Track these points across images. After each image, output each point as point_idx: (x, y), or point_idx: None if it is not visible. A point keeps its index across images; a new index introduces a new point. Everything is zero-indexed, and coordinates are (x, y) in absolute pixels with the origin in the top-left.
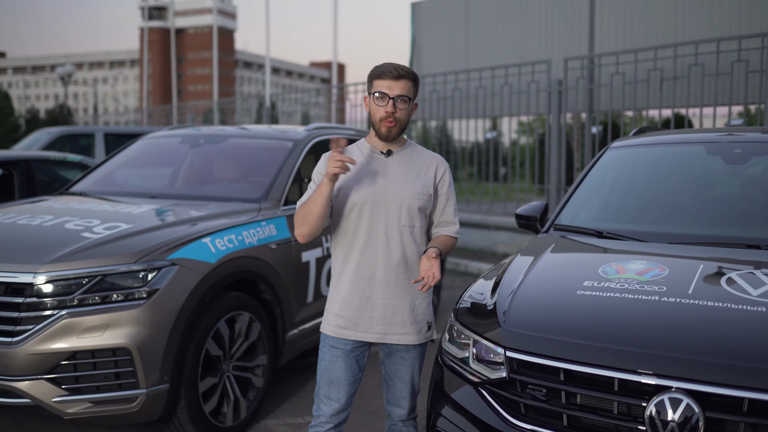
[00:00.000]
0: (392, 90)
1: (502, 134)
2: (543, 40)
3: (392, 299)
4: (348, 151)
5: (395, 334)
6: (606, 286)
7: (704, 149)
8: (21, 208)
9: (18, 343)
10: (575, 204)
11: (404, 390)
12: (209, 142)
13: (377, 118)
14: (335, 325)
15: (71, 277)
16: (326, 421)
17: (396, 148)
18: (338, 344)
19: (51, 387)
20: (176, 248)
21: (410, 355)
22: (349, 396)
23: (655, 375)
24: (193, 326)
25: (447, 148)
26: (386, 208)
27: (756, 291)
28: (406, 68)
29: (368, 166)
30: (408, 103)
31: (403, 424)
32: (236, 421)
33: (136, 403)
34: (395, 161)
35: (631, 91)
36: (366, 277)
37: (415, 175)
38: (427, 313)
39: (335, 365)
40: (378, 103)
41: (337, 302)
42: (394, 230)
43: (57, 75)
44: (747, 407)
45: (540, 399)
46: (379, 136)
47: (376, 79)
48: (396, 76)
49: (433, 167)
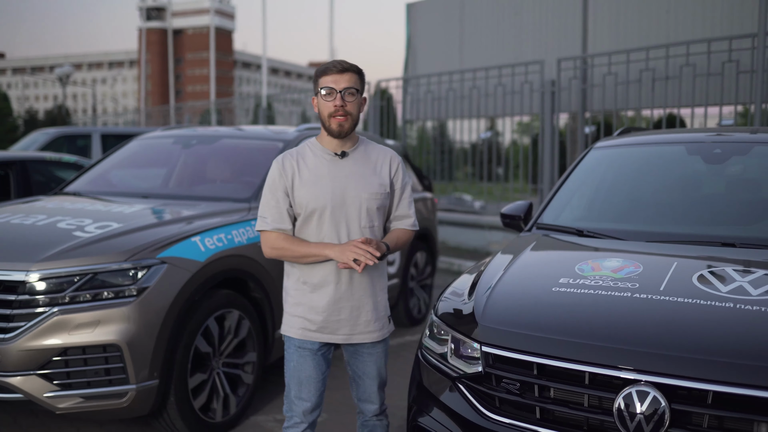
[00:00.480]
0: (338, 84)
1: (499, 134)
2: (537, 40)
3: (357, 300)
4: (299, 153)
5: (361, 334)
6: (581, 283)
7: (685, 149)
8: (15, 207)
9: (10, 339)
10: (558, 203)
11: (373, 385)
12: (201, 142)
13: (327, 115)
14: (301, 327)
15: (63, 275)
16: (301, 420)
17: (349, 147)
18: (305, 345)
19: (43, 382)
20: (166, 247)
21: (376, 350)
22: (319, 393)
23: (624, 369)
24: (182, 323)
25: (444, 148)
26: (346, 211)
27: (725, 288)
28: (349, 62)
29: (324, 171)
30: (356, 96)
31: (376, 419)
32: (226, 417)
33: (126, 398)
34: (350, 162)
35: (624, 92)
36: (333, 281)
37: (370, 174)
38: (387, 308)
39: (304, 365)
40: (326, 99)
41: (303, 306)
42: (355, 233)
43: (55, 76)
44: (711, 399)
45: (514, 393)
46: (332, 134)
47: (321, 77)
48: (340, 70)
49: (387, 163)
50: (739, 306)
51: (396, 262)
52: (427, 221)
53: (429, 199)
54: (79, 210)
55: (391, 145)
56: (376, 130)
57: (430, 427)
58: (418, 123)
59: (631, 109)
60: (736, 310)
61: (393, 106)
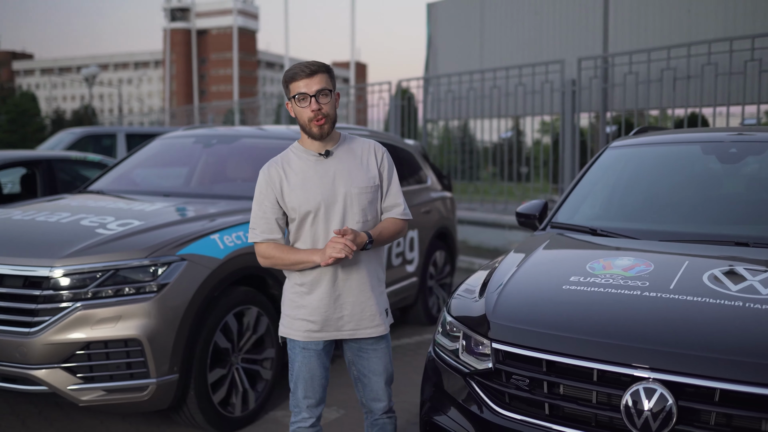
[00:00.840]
0: (310, 87)
1: (524, 134)
2: (557, 40)
3: (358, 296)
4: (285, 158)
5: (366, 329)
6: (591, 281)
7: (700, 149)
8: (40, 205)
9: (35, 333)
10: (573, 202)
11: (380, 382)
12: (221, 142)
13: (305, 120)
14: (305, 330)
15: (85, 271)
16: (309, 416)
17: (332, 146)
18: (310, 346)
19: (67, 375)
20: (185, 244)
21: (380, 346)
22: (324, 388)
23: (631, 366)
24: (201, 319)
25: (469, 148)
26: (338, 209)
27: (735, 287)
28: (317, 62)
29: (311, 172)
30: (330, 96)
31: (386, 416)
32: (245, 412)
33: (147, 392)
34: (335, 160)
35: (645, 91)
36: (330, 279)
37: (357, 168)
38: (386, 300)
39: (310, 365)
40: (300, 105)
41: (305, 308)
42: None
43: (82, 76)
44: (718, 397)
45: (523, 389)
46: (313, 137)
47: (291, 83)
48: (309, 73)
49: (372, 155)
50: (749, 305)
51: (415, 260)
52: (446, 220)
53: (448, 198)
54: (102, 208)
55: (411, 144)
56: (397, 130)
57: (441, 422)
58: (442, 122)
59: (656, 108)
60: (745, 309)
61: (414, 105)
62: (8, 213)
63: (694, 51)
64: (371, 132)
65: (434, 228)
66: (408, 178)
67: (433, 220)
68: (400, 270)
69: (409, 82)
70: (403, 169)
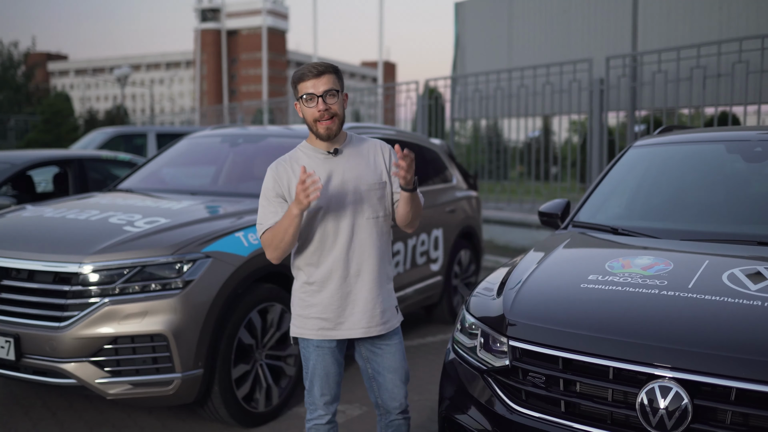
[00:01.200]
0: (317, 88)
1: (554, 133)
2: (585, 38)
3: (370, 292)
4: (293, 157)
5: (378, 326)
6: (609, 279)
7: (724, 147)
8: (71, 203)
9: (65, 327)
10: (595, 201)
11: (396, 379)
12: (248, 141)
13: (312, 120)
14: (318, 328)
15: (113, 268)
16: (325, 413)
17: (340, 144)
18: (323, 344)
19: (95, 369)
20: (210, 242)
21: (393, 341)
22: (338, 386)
23: (647, 364)
24: (226, 315)
25: (498, 147)
26: (348, 206)
27: (755, 286)
28: (324, 63)
29: (320, 169)
30: (337, 96)
31: (402, 416)
32: (268, 407)
33: (172, 386)
34: (344, 158)
35: (674, 90)
36: (341, 276)
37: (365, 166)
38: (395, 297)
39: (324, 362)
40: (308, 105)
41: (317, 306)
42: (360, 225)
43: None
44: (735, 396)
45: (540, 386)
46: (320, 137)
47: (299, 84)
48: (317, 74)
49: (379, 153)
50: (767, 305)
51: (439, 259)
52: (471, 219)
53: (474, 197)
54: (130, 206)
55: (436, 144)
56: (424, 129)
57: (459, 419)
58: (472, 121)
59: (686, 107)
60: (764, 309)
61: (441, 105)
62: (40, 211)
63: (725, 49)
64: (397, 132)
65: (459, 227)
66: (433, 177)
67: (458, 219)
68: (425, 269)
69: (436, 82)
70: (429, 169)
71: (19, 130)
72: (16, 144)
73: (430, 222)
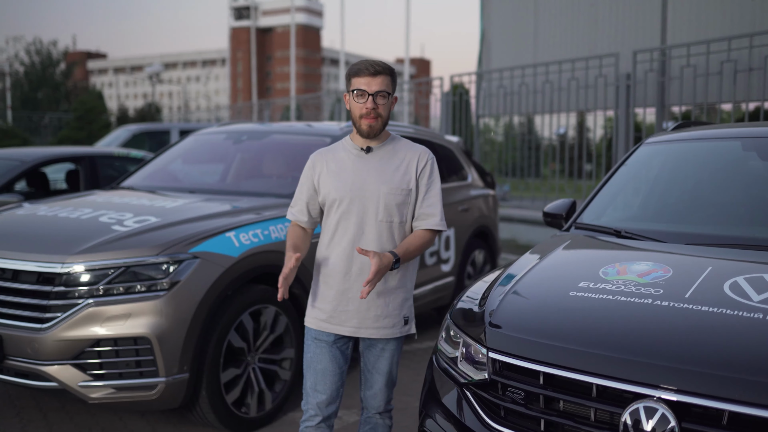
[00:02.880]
0: (370, 86)
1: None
2: (613, 32)
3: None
4: (332, 149)
5: (369, 328)
6: (601, 287)
7: (740, 144)
8: (67, 201)
9: (47, 329)
10: (601, 202)
11: (381, 381)
12: (251, 138)
13: (357, 116)
14: (315, 317)
15: (97, 268)
16: (315, 413)
17: (376, 144)
18: (321, 336)
19: (76, 372)
20: (199, 242)
21: (389, 347)
22: (336, 387)
23: (633, 382)
24: (214, 318)
25: (529, 144)
26: (363, 203)
27: (759, 297)
28: (382, 63)
29: (348, 164)
30: (387, 98)
31: (379, 417)
32: (261, 413)
33: (155, 390)
34: (375, 158)
35: (703, 84)
36: (342, 271)
37: (394, 170)
38: (404, 307)
39: (320, 356)
40: (357, 100)
41: (317, 296)
42: (370, 225)
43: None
44: (727, 420)
45: (519, 402)
46: (361, 134)
47: (353, 77)
48: (373, 73)
49: (415, 160)
50: None
51: (451, 259)
52: (487, 219)
53: (490, 195)
54: (124, 204)
55: (452, 141)
56: (448, 126)
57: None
58: (505, 118)
59: (714, 103)
60: (764, 322)
61: (466, 101)
62: (35, 208)
63: (757, 42)
64: (416, 129)
65: (473, 226)
66: (447, 175)
67: (471, 219)
68: (435, 269)
69: (461, 78)
70: (442, 166)
71: (54, 127)
72: (49, 141)
73: None
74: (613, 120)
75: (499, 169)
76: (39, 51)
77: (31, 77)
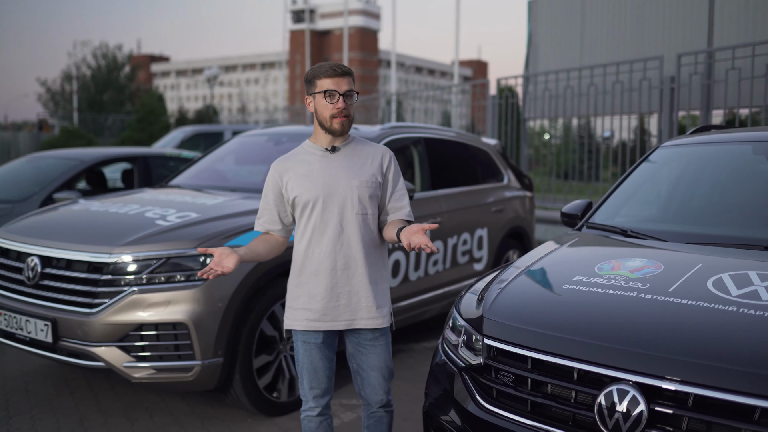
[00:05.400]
0: (340, 87)
1: (651, 133)
2: (659, 35)
3: (355, 286)
4: (293, 154)
5: (362, 319)
6: (593, 281)
7: (751, 148)
8: (118, 198)
9: (95, 314)
10: (614, 203)
11: (379, 377)
12: (291, 140)
13: (327, 116)
14: (304, 319)
15: (140, 259)
16: (314, 406)
17: (340, 143)
18: (309, 338)
19: (121, 353)
20: (234, 236)
21: (379, 342)
22: (328, 380)
23: (608, 366)
24: (247, 307)
25: (590, 147)
26: (338, 200)
27: (737, 291)
28: (345, 66)
29: (316, 165)
30: (353, 98)
31: (383, 410)
32: (291, 398)
33: (192, 372)
34: (341, 156)
35: (748, 88)
36: (328, 267)
37: (361, 166)
38: (387, 297)
39: (311, 357)
40: (328, 101)
41: (303, 297)
42: (348, 220)
43: (204, 77)
44: (692, 402)
45: (509, 385)
46: (333, 133)
47: (319, 79)
48: (341, 73)
49: (379, 157)
50: (742, 310)
51: (483, 258)
52: (522, 220)
53: (528, 197)
54: (169, 201)
55: (489, 143)
56: (495, 129)
57: (437, 414)
58: (564, 120)
59: (758, 106)
60: (736, 314)
61: (513, 104)
62: (88, 204)
63: None
64: (457, 133)
65: (507, 227)
66: (482, 177)
67: (505, 219)
68: (467, 268)
69: (507, 81)
70: (477, 168)
71: (117, 128)
72: (112, 142)
73: (474, 221)
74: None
75: (555, 171)
76: (105, 55)
77: (97, 80)
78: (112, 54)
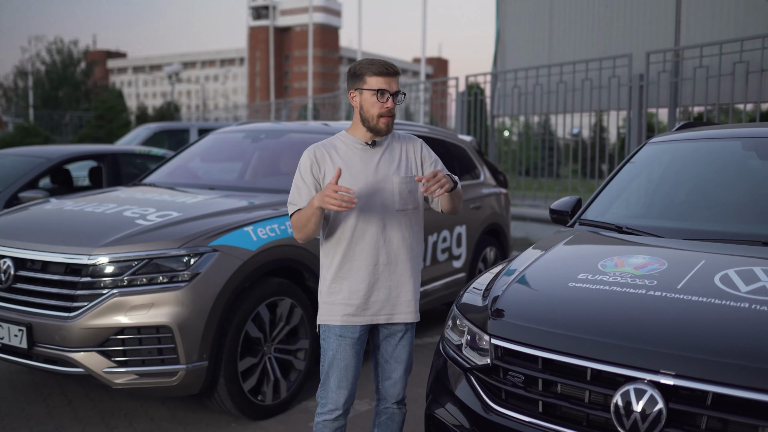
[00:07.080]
0: (391, 87)
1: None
2: (627, 33)
3: (396, 281)
4: (331, 144)
5: (401, 314)
6: (599, 279)
7: (740, 144)
8: (93, 197)
9: (74, 317)
10: (605, 199)
11: (400, 369)
12: (269, 137)
13: (374, 114)
14: (343, 314)
15: (122, 260)
16: (336, 407)
17: (380, 138)
18: (347, 333)
19: (101, 359)
20: (218, 236)
21: (408, 335)
22: (355, 381)
23: (624, 365)
24: (232, 309)
25: (549, 144)
26: (380, 196)
27: (746, 287)
28: (395, 65)
29: (356, 159)
30: (401, 98)
31: (397, 406)
32: (276, 401)
33: (176, 377)
34: (380, 150)
35: (715, 85)
36: (371, 264)
37: (399, 160)
38: (419, 290)
39: (345, 353)
40: (379, 99)
41: (343, 292)
42: (390, 216)
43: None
44: (711, 401)
45: (518, 386)
46: (377, 132)
47: (370, 76)
48: (393, 73)
49: (412, 147)
50: (754, 306)
51: (462, 256)
52: (498, 216)
53: (503, 194)
54: (147, 200)
55: (464, 140)
56: (463, 126)
57: (442, 416)
58: (525, 118)
59: (726, 103)
60: (749, 310)
61: (481, 101)
62: (62, 204)
63: None
64: (430, 129)
65: (484, 224)
66: (460, 174)
67: (482, 216)
68: (446, 265)
69: (476, 78)
70: (454, 164)
71: (74, 125)
72: (70, 139)
73: (452, 219)
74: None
75: (516, 168)
76: (60, 50)
77: (52, 76)
78: (68, 49)
